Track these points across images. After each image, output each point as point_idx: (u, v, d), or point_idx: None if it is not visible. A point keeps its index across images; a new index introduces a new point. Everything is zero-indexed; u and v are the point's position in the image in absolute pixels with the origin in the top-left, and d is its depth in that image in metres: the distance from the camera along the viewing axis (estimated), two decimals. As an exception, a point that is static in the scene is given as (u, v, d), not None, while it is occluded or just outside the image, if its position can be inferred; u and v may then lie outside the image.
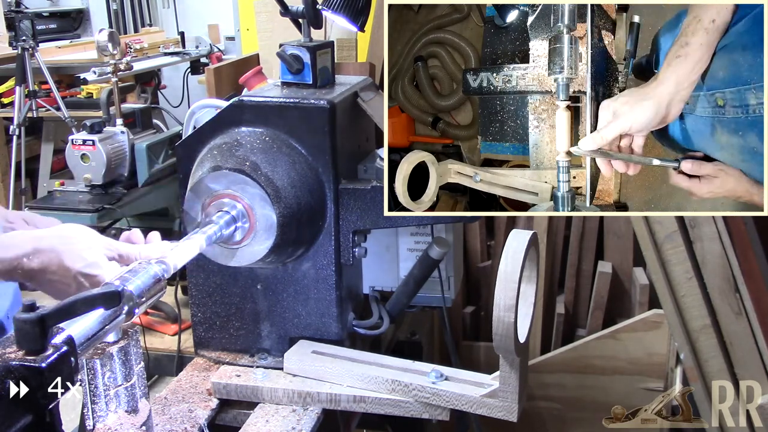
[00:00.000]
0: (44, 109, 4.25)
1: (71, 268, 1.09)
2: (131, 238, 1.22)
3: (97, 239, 1.15)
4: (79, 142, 2.29)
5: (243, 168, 1.33)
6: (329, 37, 2.21)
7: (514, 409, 1.25)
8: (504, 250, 1.17)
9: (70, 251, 1.10)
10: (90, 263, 1.10)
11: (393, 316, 1.61)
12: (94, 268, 1.10)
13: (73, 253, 1.10)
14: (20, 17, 4.20)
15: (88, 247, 1.12)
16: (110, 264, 1.12)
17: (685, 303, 1.65)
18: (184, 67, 5.19)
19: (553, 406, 2.27)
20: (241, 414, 1.41)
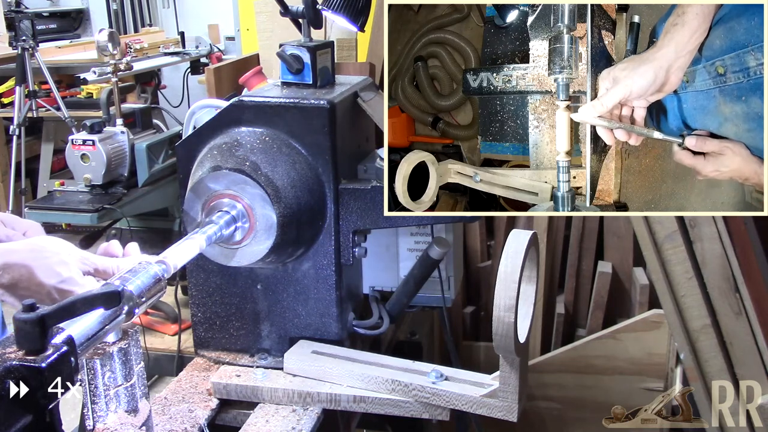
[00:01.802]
0: (44, 109, 4.25)
1: (44, 283, 1.04)
2: (109, 250, 1.17)
3: (71, 252, 1.10)
4: (79, 142, 2.28)
5: (243, 168, 1.33)
6: (329, 37, 2.21)
7: (514, 409, 1.25)
8: (504, 250, 1.17)
9: (43, 266, 1.05)
10: (64, 279, 1.05)
11: (393, 316, 1.61)
12: (69, 283, 1.05)
13: (46, 268, 1.05)
14: (20, 17, 4.20)
15: (61, 262, 1.06)
16: (86, 279, 1.08)
17: (685, 303, 1.65)
18: (184, 67, 5.19)
19: (553, 406, 2.27)
20: (241, 414, 1.41)
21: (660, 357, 2.10)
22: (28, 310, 0.82)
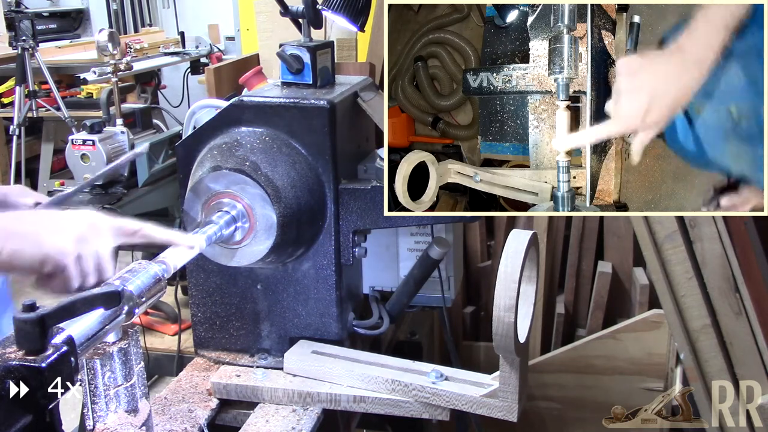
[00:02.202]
0: (44, 109, 4.25)
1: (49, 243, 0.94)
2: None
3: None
4: (79, 142, 2.28)
5: (243, 168, 1.33)
6: (329, 37, 2.21)
7: (514, 409, 1.25)
8: (504, 250, 1.17)
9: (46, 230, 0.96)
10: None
11: (393, 316, 1.61)
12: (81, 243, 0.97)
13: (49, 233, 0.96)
14: (20, 17, 4.20)
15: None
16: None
17: (685, 303, 1.65)
18: (184, 67, 5.19)
19: (553, 406, 2.27)
20: (241, 414, 1.41)
21: (660, 357, 2.10)
22: (28, 310, 0.82)
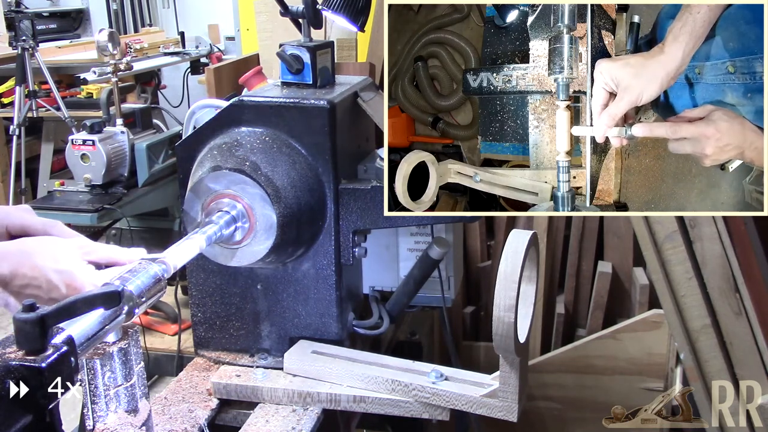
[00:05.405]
0: (44, 109, 4.25)
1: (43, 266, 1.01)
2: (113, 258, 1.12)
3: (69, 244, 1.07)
4: (79, 142, 2.28)
5: (243, 168, 1.33)
6: (329, 37, 2.21)
7: (514, 409, 1.25)
8: (504, 250, 1.17)
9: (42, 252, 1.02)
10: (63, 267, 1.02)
11: (393, 316, 1.61)
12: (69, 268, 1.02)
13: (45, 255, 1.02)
14: (20, 17, 4.20)
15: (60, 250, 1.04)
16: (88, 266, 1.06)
17: (685, 303, 1.65)
18: (184, 67, 5.18)
19: (553, 406, 2.27)
20: (241, 414, 1.41)
21: (660, 357, 2.10)
22: (28, 310, 0.82)
